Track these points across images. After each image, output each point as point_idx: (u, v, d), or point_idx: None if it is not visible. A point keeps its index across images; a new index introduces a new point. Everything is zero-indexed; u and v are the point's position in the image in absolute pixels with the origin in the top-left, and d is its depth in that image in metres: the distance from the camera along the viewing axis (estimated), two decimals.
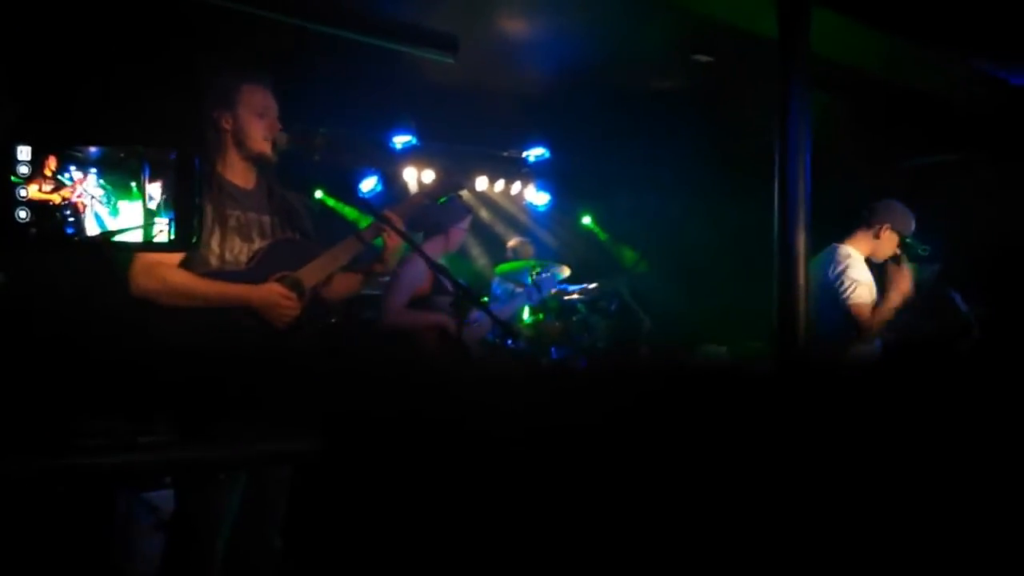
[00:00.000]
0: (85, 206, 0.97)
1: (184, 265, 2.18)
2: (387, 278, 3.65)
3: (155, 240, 0.98)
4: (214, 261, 2.22)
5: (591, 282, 5.36)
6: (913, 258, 4.08)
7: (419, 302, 3.56)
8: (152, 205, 0.98)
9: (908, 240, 4.00)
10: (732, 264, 5.60)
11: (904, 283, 3.66)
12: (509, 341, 4.56)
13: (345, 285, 2.53)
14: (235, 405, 2.11)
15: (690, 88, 5.07)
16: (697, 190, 6.53)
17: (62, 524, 2.82)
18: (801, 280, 3.20)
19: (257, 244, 2.31)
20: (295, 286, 2.28)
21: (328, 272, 2.40)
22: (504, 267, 5.18)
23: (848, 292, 3.61)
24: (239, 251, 2.27)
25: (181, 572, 2.16)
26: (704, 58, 4.55)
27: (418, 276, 3.56)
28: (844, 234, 3.88)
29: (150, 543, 2.86)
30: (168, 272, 2.13)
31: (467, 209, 3.95)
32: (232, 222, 2.27)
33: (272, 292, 2.23)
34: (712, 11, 3.89)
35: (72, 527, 2.85)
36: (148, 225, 0.98)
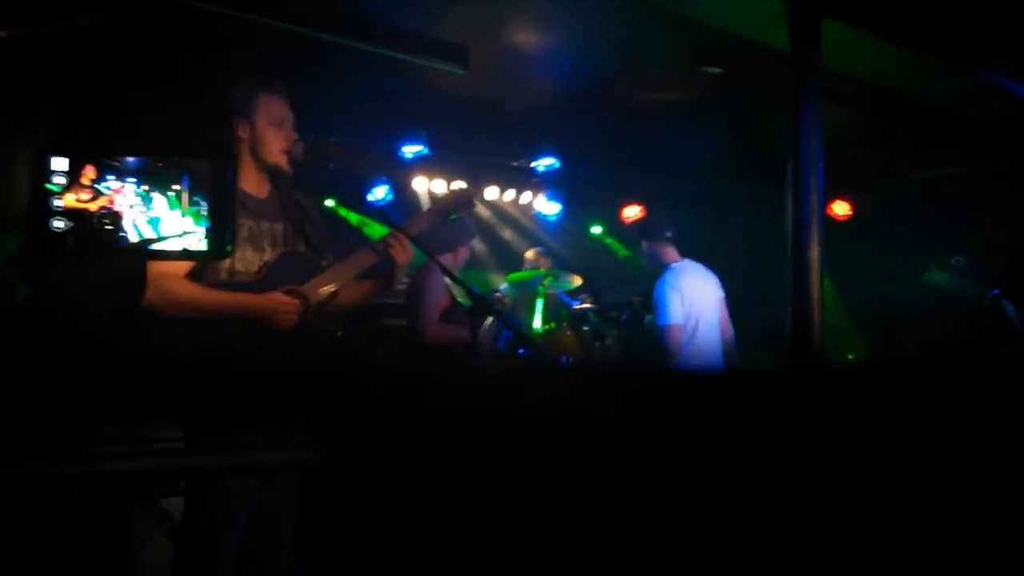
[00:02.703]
0: (123, 215, 0.99)
1: (194, 276, 2.19)
2: (402, 286, 3.70)
3: (191, 249, 1.00)
4: (224, 272, 2.23)
5: (600, 292, 5.38)
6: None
7: (443, 316, 3.65)
8: (189, 214, 0.99)
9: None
10: (743, 275, 5.60)
11: None
12: (521, 350, 4.59)
13: (352, 296, 2.52)
14: (243, 414, 2.13)
15: (701, 99, 5.09)
16: (708, 200, 6.54)
17: (77, 531, 2.83)
18: (815, 290, 3.21)
19: (268, 254, 2.32)
20: (301, 300, 2.28)
21: (334, 286, 2.40)
22: (515, 276, 5.20)
23: None
24: (250, 261, 2.28)
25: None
26: (714, 70, 4.57)
27: (441, 290, 3.65)
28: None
29: (164, 550, 2.86)
30: (171, 283, 2.14)
31: (473, 229, 4.10)
32: (244, 232, 2.28)
33: (272, 300, 2.23)
34: (723, 23, 3.90)
35: (87, 534, 2.86)
36: (185, 234, 0.99)
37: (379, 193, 6.10)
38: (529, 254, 5.65)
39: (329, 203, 6.03)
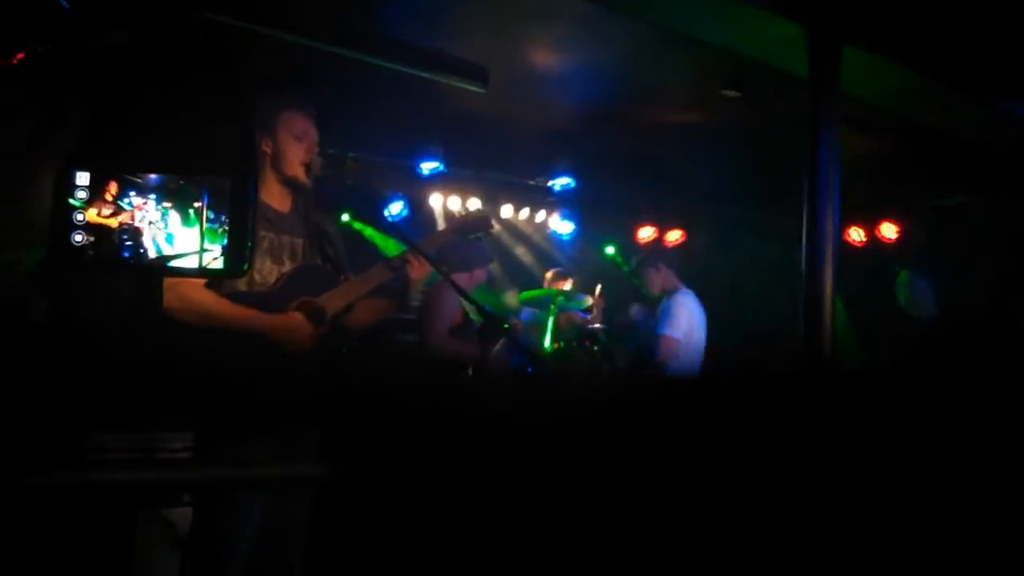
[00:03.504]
0: (142, 231, 1.00)
1: (212, 284, 2.21)
2: (416, 303, 3.70)
3: (208, 267, 1.01)
4: (242, 283, 2.25)
5: (611, 311, 5.37)
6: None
7: (453, 332, 3.64)
8: (208, 232, 1.00)
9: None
10: (756, 298, 5.59)
11: None
12: (530, 369, 4.58)
13: (368, 313, 2.53)
14: (252, 427, 2.13)
15: (718, 122, 5.10)
16: (722, 223, 6.54)
17: (79, 540, 2.83)
18: (828, 316, 3.19)
19: (287, 267, 2.34)
20: (316, 313, 2.29)
21: (350, 300, 2.41)
22: (527, 294, 5.20)
23: None
24: (268, 272, 2.30)
25: None
26: (733, 93, 4.57)
27: (454, 306, 3.65)
28: None
29: (168, 561, 2.86)
30: (190, 291, 2.14)
31: (490, 253, 4.12)
32: (265, 244, 2.30)
33: (289, 322, 2.24)
34: (742, 48, 3.91)
35: (89, 544, 2.86)
36: (203, 251, 1.00)
37: (395, 209, 6.14)
38: (548, 275, 5.66)
39: (344, 217, 6.07)
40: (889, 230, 6.31)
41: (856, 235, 6.46)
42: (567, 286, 5.36)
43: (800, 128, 3.46)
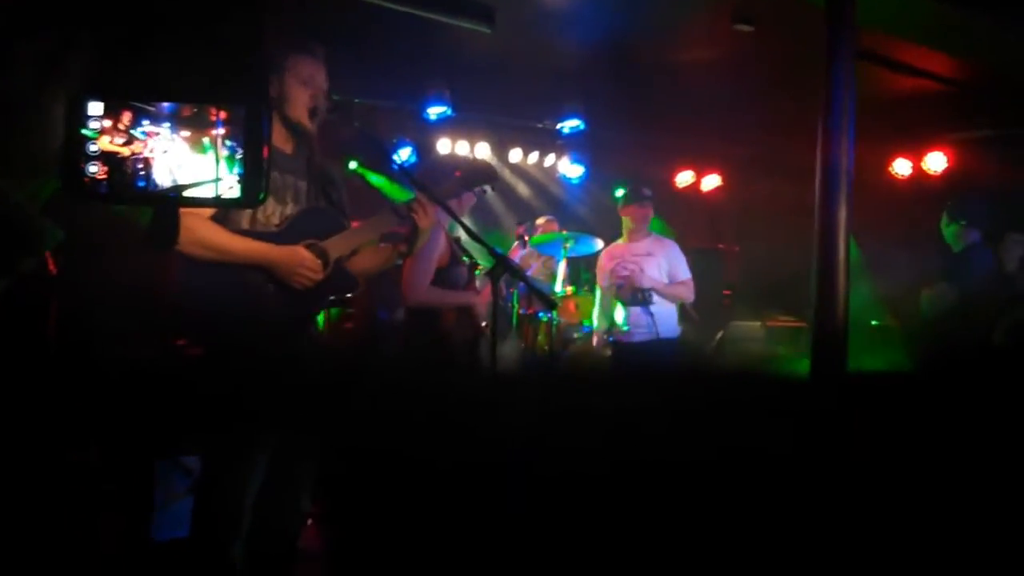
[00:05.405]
0: (156, 160, 0.99)
1: (216, 221, 2.21)
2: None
3: (224, 196, 1.00)
4: (245, 221, 2.24)
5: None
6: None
7: (439, 274, 3.46)
8: (223, 160, 0.99)
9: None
10: (768, 237, 5.56)
11: None
12: (540, 314, 4.58)
13: (372, 260, 2.52)
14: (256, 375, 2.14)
15: (730, 59, 5.00)
16: (734, 162, 6.47)
17: (102, 487, 2.90)
18: (841, 252, 3.16)
19: (290, 208, 2.33)
20: (321, 255, 2.29)
21: (355, 245, 2.40)
22: (537, 239, 5.18)
23: None
24: (271, 212, 2.29)
25: (207, 530, 2.19)
26: (745, 28, 4.48)
27: (438, 249, 3.45)
28: None
29: (186, 505, 2.92)
30: (196, 223, 2.14)
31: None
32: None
33: (296, 254, 2.24)
34: None
35: (111, 490, 2.93)
36: (218, 180, 0.99)
37: (404, 155, 6.09)
38: (540, 220, 5.62)
39: (352, 164, 6.03)
40: (906, 166, 6.23)
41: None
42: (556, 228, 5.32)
43: (814, 62, 3.39)
